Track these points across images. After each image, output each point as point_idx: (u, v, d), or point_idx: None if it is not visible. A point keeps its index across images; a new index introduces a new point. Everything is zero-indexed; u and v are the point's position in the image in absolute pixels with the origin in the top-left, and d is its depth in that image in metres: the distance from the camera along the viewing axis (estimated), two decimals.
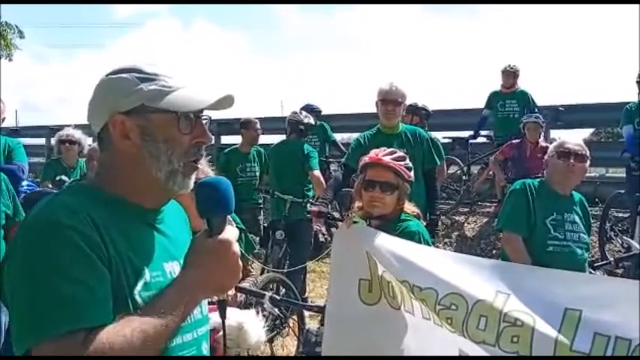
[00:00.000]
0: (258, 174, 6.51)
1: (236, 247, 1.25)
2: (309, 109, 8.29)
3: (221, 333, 2.31)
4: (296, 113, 6.24)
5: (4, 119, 5.09)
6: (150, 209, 1.32)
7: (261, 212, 6.68)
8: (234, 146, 6.83)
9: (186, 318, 1.22)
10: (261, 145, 6.97)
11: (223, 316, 1.36)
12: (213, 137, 1.38)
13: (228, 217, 1.29)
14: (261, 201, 6.66)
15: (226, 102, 1.34)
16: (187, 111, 1.27)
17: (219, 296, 1.34)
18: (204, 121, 1.32)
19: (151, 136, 1.26)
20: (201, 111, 1.31)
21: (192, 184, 1.32)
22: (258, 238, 6.28)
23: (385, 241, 2.57)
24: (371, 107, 4.77)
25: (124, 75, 1.26)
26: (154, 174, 1.27)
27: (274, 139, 7.84)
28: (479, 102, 8.47)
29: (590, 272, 3.36)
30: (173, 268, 1.30)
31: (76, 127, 6.10)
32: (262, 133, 6.97)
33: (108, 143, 1.29)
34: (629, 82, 8.05)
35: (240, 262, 1.27)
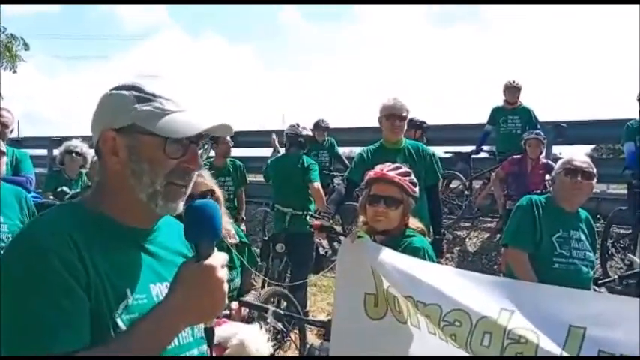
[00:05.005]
0: (232, 188, 6.34)
1: (221, 273, 1.21)
2: (321, 125, 8.33)
3: (228, 350, 2.32)
4: (293, 126, 6.13)
5: (12, 131, 5.12)
6: (139, 229, 1.30)
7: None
8: (209, 160, 6.52)
9: (165, 346, 1.19)
10: (262, 159, 6.92)
11: (210, 344, 1.31)
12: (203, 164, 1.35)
13: (232, 231, 1.27)
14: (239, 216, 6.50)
15: (222, 130, 1.32)
16: (175, 137, 1.24)
17: (204, 323, 1.29)
18: (204, 147, 1.30)
19: (137, 156, 1.25)
20: (198, 136, 1.28)
21: (178, 208, 1.29)
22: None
23: (389, 256, 2.57)
24: (371, 121, 4.78)
25: (124, 92, 1.27)
26: (137, 194, 1.26)
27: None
28: (481, 117, 8.52)
29: (595, 289, 3.35)
30: (161, 290, 1.27)
31: (84, 139, 6.09)
32: (265, 146, 6.95)
33: (100, 158, 1.30)
34: (629, 98, 8.07)
35: (226, 287, 1.22)
